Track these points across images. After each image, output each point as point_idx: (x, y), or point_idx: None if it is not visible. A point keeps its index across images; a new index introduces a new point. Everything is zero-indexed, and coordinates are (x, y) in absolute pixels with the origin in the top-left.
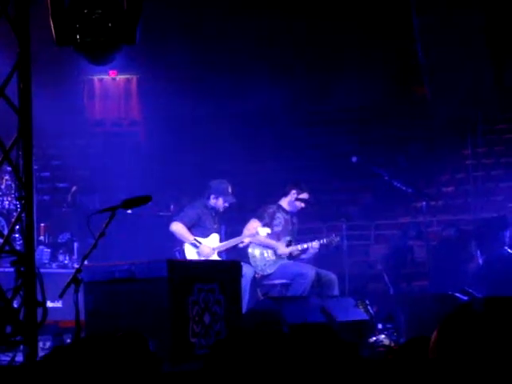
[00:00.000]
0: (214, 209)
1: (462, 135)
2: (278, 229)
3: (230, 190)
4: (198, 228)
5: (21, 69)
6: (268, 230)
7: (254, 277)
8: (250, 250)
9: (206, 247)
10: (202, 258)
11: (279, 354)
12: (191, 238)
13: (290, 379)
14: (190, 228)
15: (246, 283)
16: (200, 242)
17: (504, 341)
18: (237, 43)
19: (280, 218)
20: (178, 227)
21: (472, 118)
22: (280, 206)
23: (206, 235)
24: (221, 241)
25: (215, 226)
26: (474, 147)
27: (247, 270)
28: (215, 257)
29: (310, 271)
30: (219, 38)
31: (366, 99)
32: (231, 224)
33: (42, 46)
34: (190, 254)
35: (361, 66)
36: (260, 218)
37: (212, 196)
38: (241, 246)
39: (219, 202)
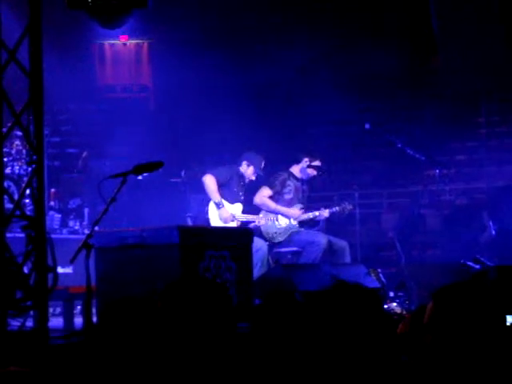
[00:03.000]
0: (242, 177)
1: (476, 103)
2: (288, 196)
3: (262, 165)
4: (225, 190)
5: (32, 32)
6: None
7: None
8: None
9: (226, 212)
10: (221, 222)
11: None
12: (218, 197)
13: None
14: (219, 186)
15: (263, 256)
16: (223, 205)
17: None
18: (255, 8)
19: (291, 185)
20: (210, 179)
21: (486, 86)
22: (291, 174)
23: (231, 201)
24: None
25: (241, 195)
26: (487, 115)
27: (263, 244)
28: (233, 225)
29: (322, 239)
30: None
31: (379, 67)
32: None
33: (52, 9)
34: (213, 213)
35: (374, 34)
36: (271, 186)
37: (245, 162)
38: (251, 226)
39: (249, 171)
